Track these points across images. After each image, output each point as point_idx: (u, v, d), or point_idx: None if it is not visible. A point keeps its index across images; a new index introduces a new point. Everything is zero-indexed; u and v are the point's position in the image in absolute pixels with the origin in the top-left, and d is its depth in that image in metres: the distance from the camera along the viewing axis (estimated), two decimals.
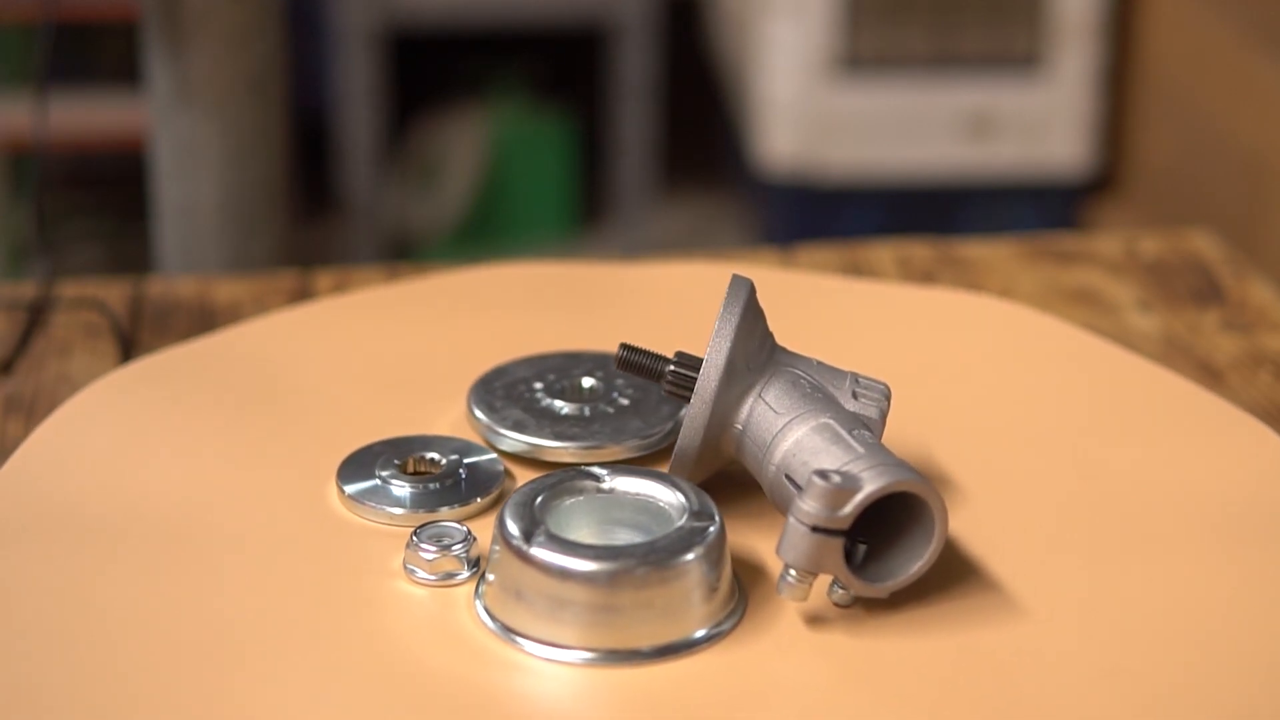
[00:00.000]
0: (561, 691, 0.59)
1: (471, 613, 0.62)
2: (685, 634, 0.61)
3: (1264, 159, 1.99)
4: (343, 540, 0.65)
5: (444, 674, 0.59)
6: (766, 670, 0.60)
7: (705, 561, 0.61)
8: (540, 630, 0.60)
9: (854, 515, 0.59)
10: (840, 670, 0.59)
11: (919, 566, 0.61)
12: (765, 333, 0.66)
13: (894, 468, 0.60)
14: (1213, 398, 0.74)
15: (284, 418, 0.72)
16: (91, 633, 0.60)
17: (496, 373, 0.73)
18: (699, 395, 0.64)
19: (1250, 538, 0.66)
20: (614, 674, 0.59)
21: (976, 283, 0.87)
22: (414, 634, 0.61)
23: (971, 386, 0.76)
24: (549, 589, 0.60)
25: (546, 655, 0.60)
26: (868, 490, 0.59)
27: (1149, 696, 0.58)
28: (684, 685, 0.59)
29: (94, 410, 0.72)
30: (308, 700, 0.58)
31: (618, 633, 0.60)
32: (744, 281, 0.66)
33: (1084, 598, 0.63)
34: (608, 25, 2.40)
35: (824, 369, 0.66)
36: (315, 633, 0.61)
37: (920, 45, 2.26)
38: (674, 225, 2.53)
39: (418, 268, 0.87)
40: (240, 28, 1.19)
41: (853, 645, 0.60)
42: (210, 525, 0.66)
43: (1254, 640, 0.61)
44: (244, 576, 0.63)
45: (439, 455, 0.69)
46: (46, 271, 0.86)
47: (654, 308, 0.81)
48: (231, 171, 1.22)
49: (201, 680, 0.58)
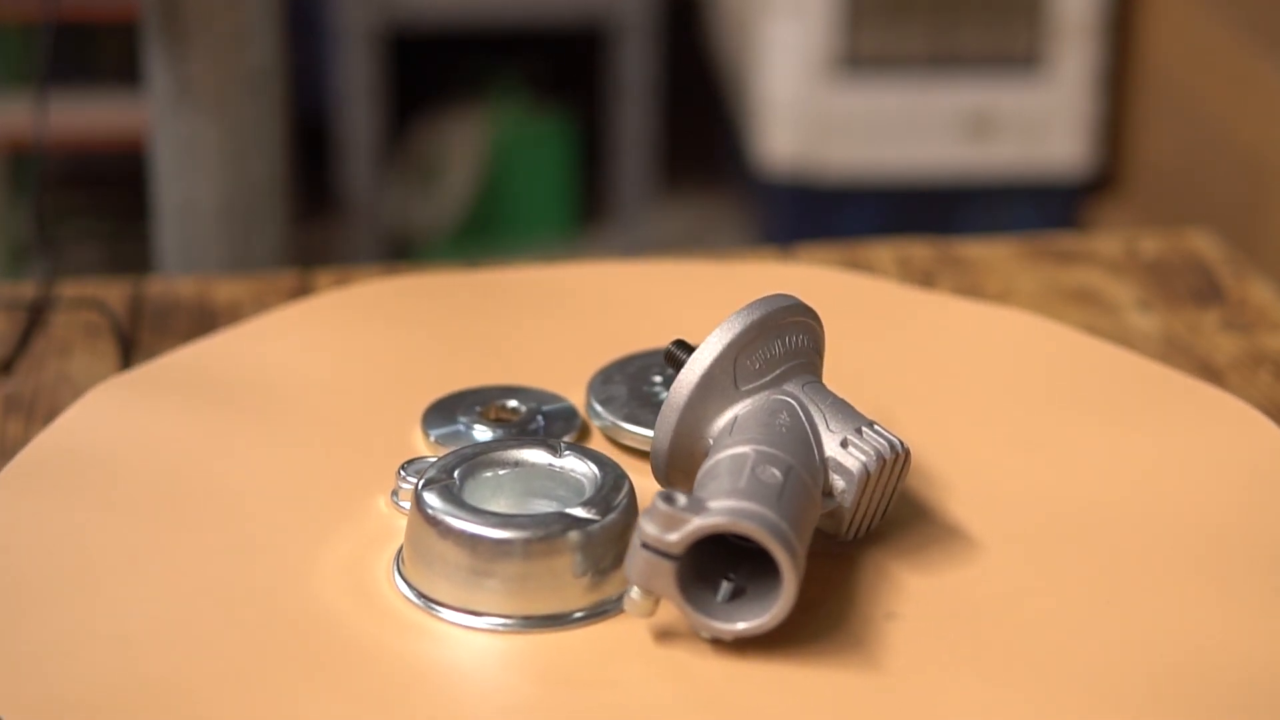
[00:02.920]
0: (474, 658, 0.60)
1: (390, 582, 0.63)
2: (604, 598, 0.62)
3: (1264, 159, 1.99)
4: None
5: (360, 640, 0.60)
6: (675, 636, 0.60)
7: (607, 532, 0.61)
8: (452, 597, 0.61)
9: (684, 544, 0.57)
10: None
11: (761, 621, 0.59)
12: (780, 356, 0.65)
13: (752, 512, 0.58)
14: (1215, 390, 0.74)
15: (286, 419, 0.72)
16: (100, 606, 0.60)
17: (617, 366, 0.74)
18: (669, 402, 0.64)
19: (1250, 535, 0.66)
20: (526, 640, 0.61)
21: (976, 283, 0.87)
22: (334, 602, 0.62)
23: (968, 390, 0.76)
24: (454, 556, 0.61)
25: (459, 621, 0.61)
26: (697, 523, 0.57)
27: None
28: (602, 648, 0.60)
29: (98, 415, 0.72)
30: (223, 667, 0.59)
31: (528, 599, 0.61)
32: (771, 301, 0.65)
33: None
34: (608, 25, 2.40)
35: (840, 409, 0.64)
36: (235, 600, 0.62)
37: (920, 45, 2.26)
38: (674, 225, 2.53)
39: (418, 267, 0.87)
40: (240, 28, 1.19)
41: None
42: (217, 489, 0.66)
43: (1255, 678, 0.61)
44: (210, 546, 0.64)
45: (519, 403, 0.72)
46: (46, 271, 0.86)
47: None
48: (231, 171, 1.21)
49: (123, 653, 0.59)
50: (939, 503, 0.68)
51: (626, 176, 2.43)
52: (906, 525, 0.67)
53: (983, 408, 0.74)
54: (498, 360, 0.77)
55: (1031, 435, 0.72)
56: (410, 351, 0.77)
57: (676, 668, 0.59)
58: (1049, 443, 0.72)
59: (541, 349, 0.78)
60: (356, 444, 0.71)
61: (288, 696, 0.58)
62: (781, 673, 0.59)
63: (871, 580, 0.64)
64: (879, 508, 0.65)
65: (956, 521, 0.67)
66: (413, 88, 2.54)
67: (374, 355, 0.77)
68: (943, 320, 0.80)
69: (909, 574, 0.64)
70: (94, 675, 0.58)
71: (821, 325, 0.67)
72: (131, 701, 0.57)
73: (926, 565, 0.65)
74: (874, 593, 0.63)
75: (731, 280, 0.83)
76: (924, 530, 0.67)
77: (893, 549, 0.65)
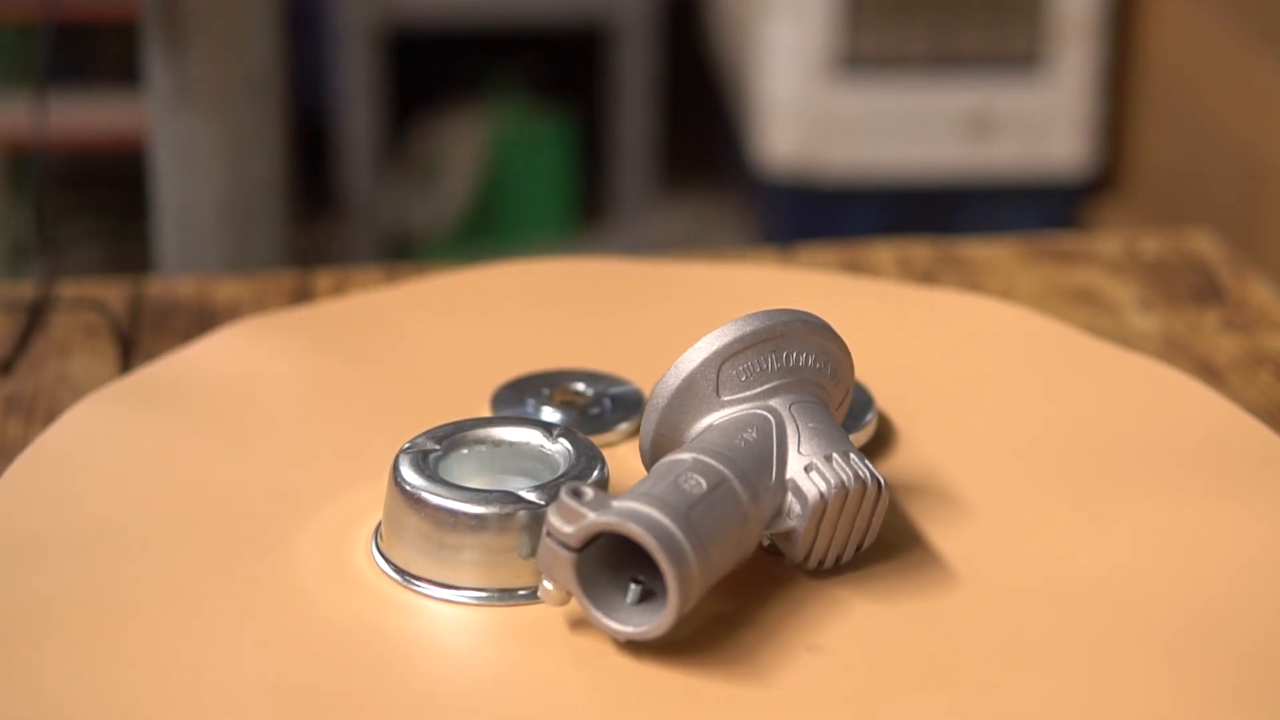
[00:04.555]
0: (448, 629, 0.61)
1: (368, 557, 0.64)
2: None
3: (1264, 159, 1.99)
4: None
5: (336, 615, 0.61)
6: None
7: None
8: (428, 570, 0.62)
9: (579, 538, 0.58)
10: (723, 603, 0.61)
11: (646, 629, 0.58)
12: (772, 371, 0.64)
13: (643, 515, 0.58)
14: (1211, 393, 0.74)
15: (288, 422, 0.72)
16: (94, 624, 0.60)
17: None
18: (650, 403, 0.64)
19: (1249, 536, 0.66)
20: (501, 613, 0.61)
21: (976, 283, 0.87)
22: (311, 578, 0.63)
23: (962, 386, 0.76)
24: (426, 530, 0.62)
25: (436, 595, 0.62)
26: (591, 519, 0.58)
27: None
28: (565, 621, 0.61)
29: (94, 421, 0.72)
30: (202, 643, 0.60)
31: (501, 573, 0.62)
32: (771, 314, 0.64)
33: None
34: (608, 25, 2.40)
35: (820, 434, 0.63)
36: (215, 578, 0.63)
37: (920, 45, 2.26)
38: (674, 225, 2.53)
39: (418, 268, 0.87)
40: (240, 28, 1.19)
41: (739, 581, 0.61)
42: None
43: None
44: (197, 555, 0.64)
45: (585, 386, 0.73)
46: (46, 271, 0.86)
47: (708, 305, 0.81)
48: (231, 171, 1.22)
49: (102, 629, 0.60)
50: (929, 518, 0.67)
51: (626, 176, 2.43)
52: (886, 551, 0.65)
53: (982, 409, 0.74)
54: (564, 349, 0.77)
55: (1032, 435, 0.72)
56: (480, 339, 0.78)
57: (591, 653, 0.60)
58: (1049, 444, 0.72)
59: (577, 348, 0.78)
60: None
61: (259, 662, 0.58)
62: (676, 679, 0.59)
63: (816, 608, 0.62)
64: (847, 541, 0.63)
65: (941, 546, 0.66)
66: (413, 88, 2.54)
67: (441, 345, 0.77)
68: (943, 314, 0.80)
69: (864, 603, 0.62)
70: (79, 661, 0.58)
71: (845, 351, 0.65)
72: (110, 675, 0.58)
73: (886, 594, 0.63)
74: (812, 622, 0.61)
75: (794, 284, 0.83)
76: (903, 556, 0.64)
77: (862, 575, 0.63)
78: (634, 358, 0.76)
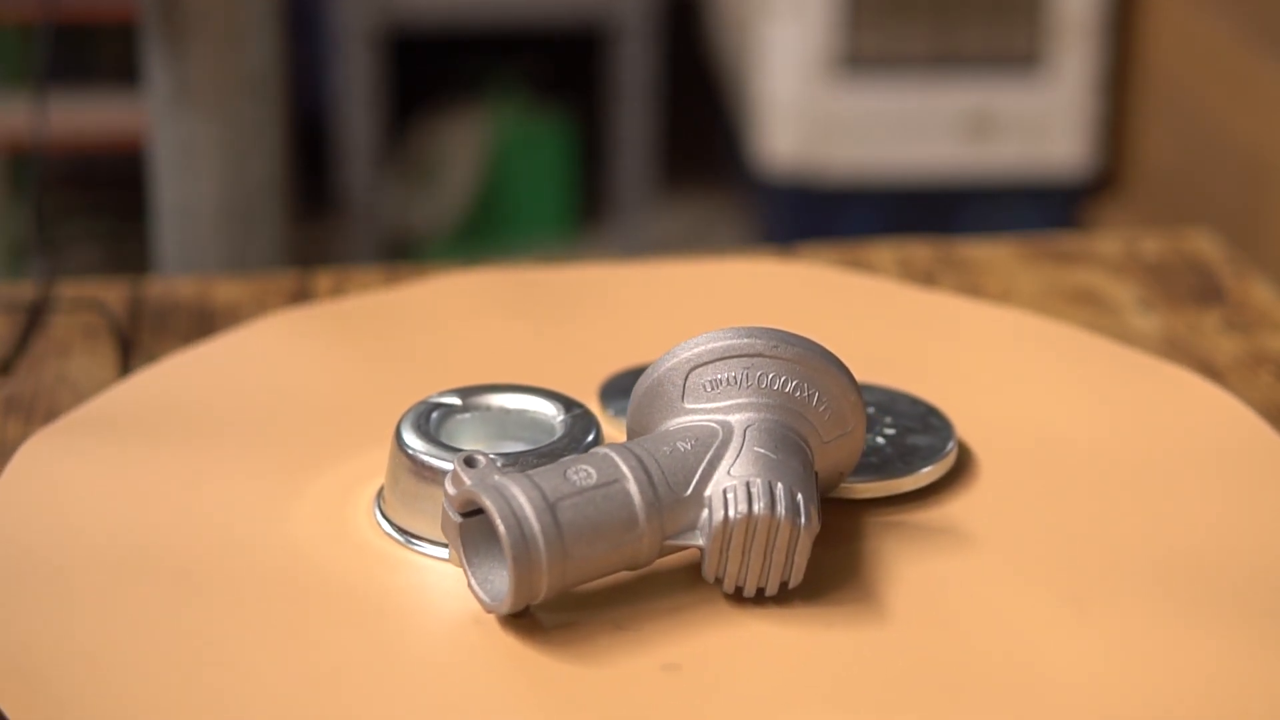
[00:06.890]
0: (446, 586, 0.62)
1: (370, 519, 0.65)
2: None
3: (1264, 159, 1.99)
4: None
5: (338, 573, 0.63)
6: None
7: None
8: (428, 530, 0.64)
9: (457, 503, 0.60)
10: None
11: (493, 605, 0.59)
12: (741, 388, 0.63)
13: (507, 496, 0.59)
14: (1215, 390, 0.74)
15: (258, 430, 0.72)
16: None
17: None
18: (631, 400, 0.65)
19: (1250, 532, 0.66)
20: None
21: (977, 283, 0.87)
22: (315, 540, 0.64)
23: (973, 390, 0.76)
24: (423, 490, 0.63)
25: (435, 554, 0.64)
26: (465, 487, 0.60)
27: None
28: None
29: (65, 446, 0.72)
30: (205, 607, 0.61)
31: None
32: (752, 331, 0.63)
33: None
34: (608, 25, 2.40)
35: (759, 461, 0.61)
36: (222, 546, 0.64)
37: (920, 45, 2.26)
38: (674, 225, 2.54)
39: (418, 268, 0.87)
40: (240, 28, 1.19)
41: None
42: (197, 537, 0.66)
43: None
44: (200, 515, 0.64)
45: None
46: (46, 272, 0.86)
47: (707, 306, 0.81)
48: (230, 171, 1.22)
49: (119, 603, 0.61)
50: (920, 528, 0.67)
51: (626, 176, 2.43)
52: (847, 582, 0.63)
53: (984, 407, 0.74)
54: (511, 363, 0.77)
55: (1030, 435, 0.72)
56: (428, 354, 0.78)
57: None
58: (1048, 443, 0.72)
59: (552, 352, 0.78)
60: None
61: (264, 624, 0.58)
62: (544, 663, 0.59)
63: (714, 630, 0.60)
64: (764, 572, 0.61)
65: (939, 575, 0.66)
66: (412, 88, 2.54)
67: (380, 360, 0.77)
68: (944, 321, 0.80)
69: (766, 627, 0.60)
70: (83, 625, 0.58)
71: (845, 386, 0.64)
72: (117, 645, 0.59)
73: (795, 621, 0.60)
74: (690, 639, 0.60)
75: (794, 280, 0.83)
76: (865, 588, 0.62)
77: (792, 607, 0.61)
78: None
